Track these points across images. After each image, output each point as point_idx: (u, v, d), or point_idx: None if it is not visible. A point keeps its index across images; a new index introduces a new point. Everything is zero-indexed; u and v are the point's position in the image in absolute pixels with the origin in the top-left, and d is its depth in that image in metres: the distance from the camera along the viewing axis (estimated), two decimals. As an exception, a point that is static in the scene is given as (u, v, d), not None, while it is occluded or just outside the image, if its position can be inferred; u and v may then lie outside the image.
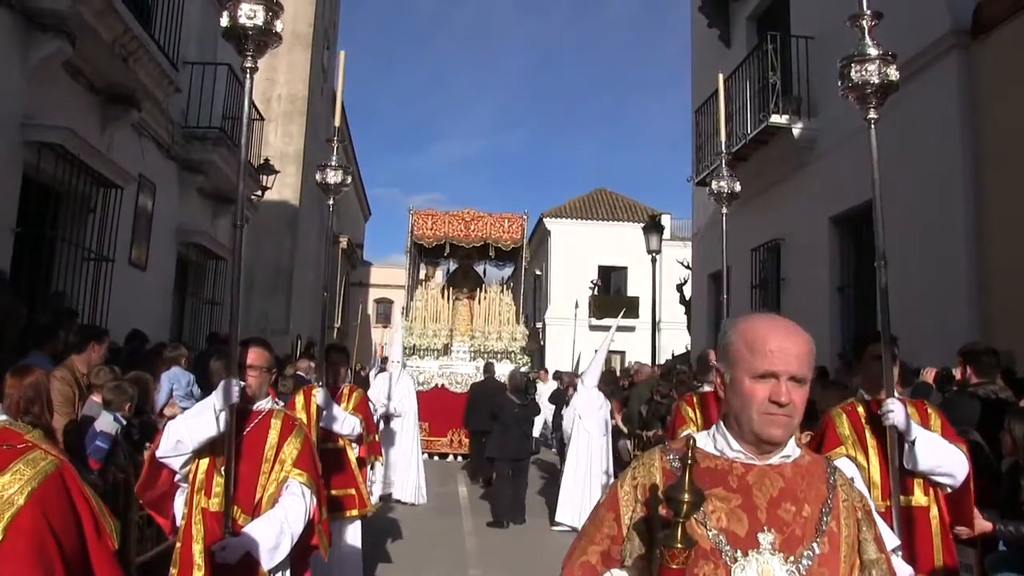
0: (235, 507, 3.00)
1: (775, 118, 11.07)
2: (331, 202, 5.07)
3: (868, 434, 3.42)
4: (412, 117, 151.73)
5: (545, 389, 16.39)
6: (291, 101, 21.71)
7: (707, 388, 5.17)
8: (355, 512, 5.53)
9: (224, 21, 3.17)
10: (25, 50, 7.24)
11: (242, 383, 3.06)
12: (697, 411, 5.09)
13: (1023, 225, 7.07)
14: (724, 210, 5.28)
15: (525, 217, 17.59)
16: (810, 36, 10.98)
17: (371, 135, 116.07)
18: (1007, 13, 7.35)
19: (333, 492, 5.18)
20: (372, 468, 8.14)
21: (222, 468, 3.02)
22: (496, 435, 9.70)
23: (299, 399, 5.49)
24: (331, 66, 27.48)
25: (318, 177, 4.90)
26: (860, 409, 3.52)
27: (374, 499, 8.77)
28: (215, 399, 2.98)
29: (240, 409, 3.07)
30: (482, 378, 13.12)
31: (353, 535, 5.67)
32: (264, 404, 3.27)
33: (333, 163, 4.87)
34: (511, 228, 17.21)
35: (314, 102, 22.59)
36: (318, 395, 5.09)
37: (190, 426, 3.01)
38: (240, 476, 3.03)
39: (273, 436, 3.16)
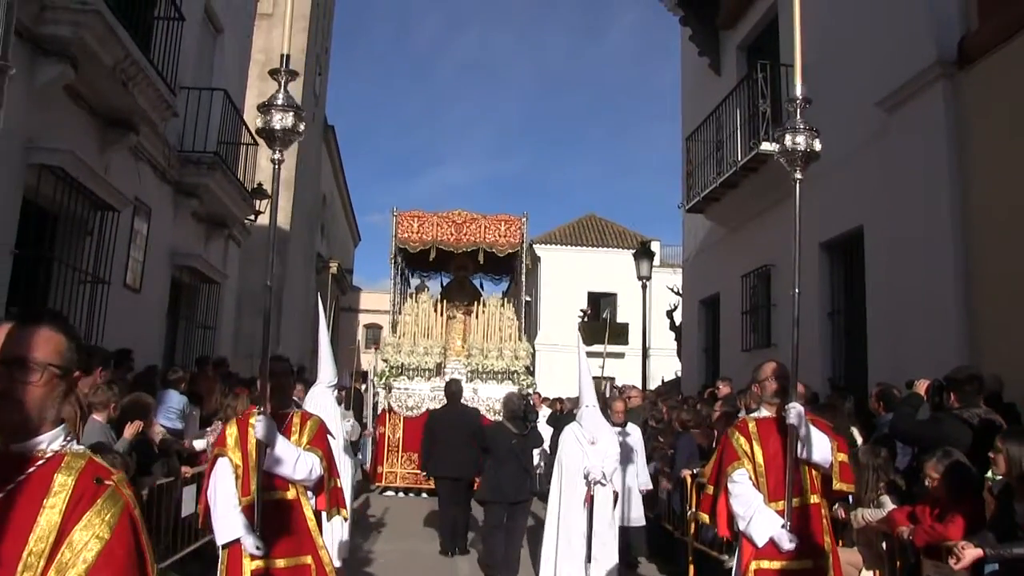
0: None
1: (765, 145, 11.21)
2: (276, 155, 3.68)
3: None
4: (410, 145, 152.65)
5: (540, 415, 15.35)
6: (284, 126, 21.80)
7: (765, 412, 4.20)
8: None
9: (258, 123, 3.51)
10: (30, 74, 7.31)
11: None
12: (755, 443, 4.10)
13: (1010, 251, 7.19)
14: (798, 175, 3.89)
15: (524, 219, 15.18)
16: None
17: (368, 162, 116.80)
18: (992, 43, 7.52)
19: (280, 563, 3.85)
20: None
21: None
22: (489, 473, 8.00)
23: (231, 432, 4.10)
24: (323, 92, 27.68)
25: (260, 122, 3.55)
26: None
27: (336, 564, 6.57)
28: None
29: None
30: (444, 403, 10.42)
31: None
32: (47, 443, 1.76)
33: (280, 102, 3.51)
34: (508, 231, 14.95)
35: (305, 127, 22.72)
36: (258, 427, 3.67)
37: None
38: None
39: (53, 510, 1.65)
